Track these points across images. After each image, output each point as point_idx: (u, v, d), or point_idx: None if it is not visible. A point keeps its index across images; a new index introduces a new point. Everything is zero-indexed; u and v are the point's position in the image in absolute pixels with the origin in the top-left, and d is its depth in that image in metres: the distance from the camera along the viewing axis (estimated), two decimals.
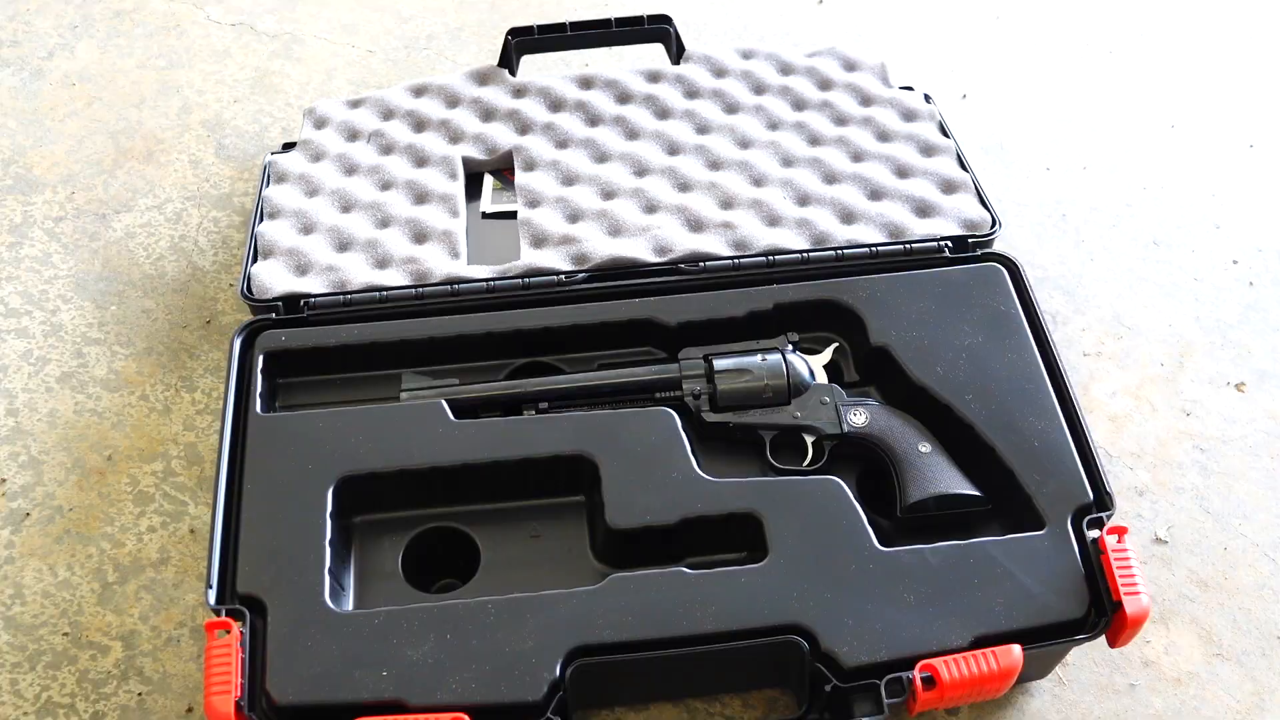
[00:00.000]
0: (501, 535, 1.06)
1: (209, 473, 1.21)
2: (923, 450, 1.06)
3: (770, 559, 0.97)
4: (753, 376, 1.10)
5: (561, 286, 1.19)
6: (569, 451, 1.05)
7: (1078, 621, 0.95)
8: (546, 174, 1.35)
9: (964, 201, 1.28)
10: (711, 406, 1.10)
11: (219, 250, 1.44)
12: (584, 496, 1.07)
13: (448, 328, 1.15)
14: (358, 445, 1.05)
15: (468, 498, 1.07)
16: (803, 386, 1.10)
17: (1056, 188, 1.53)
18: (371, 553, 1.05)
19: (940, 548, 0.98)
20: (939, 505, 1.04)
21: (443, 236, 1.26)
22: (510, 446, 1.05)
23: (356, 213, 1.30)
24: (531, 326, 1.16)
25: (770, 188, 1.31)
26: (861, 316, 1.15)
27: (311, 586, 0.96)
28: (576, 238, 1.25)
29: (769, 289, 1.17)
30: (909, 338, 1.13)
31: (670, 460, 1.04)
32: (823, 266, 1.21)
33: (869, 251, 1.21)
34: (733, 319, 1.16)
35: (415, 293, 1.18)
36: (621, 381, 1.12)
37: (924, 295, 1.16)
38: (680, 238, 1.25)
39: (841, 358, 1.18)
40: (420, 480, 1.05)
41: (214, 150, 1.57)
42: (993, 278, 1.18)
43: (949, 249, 1.22)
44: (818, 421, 1.09)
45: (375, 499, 1.05)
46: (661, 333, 1.17)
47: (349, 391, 1.16)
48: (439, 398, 1.09)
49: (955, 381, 1.09)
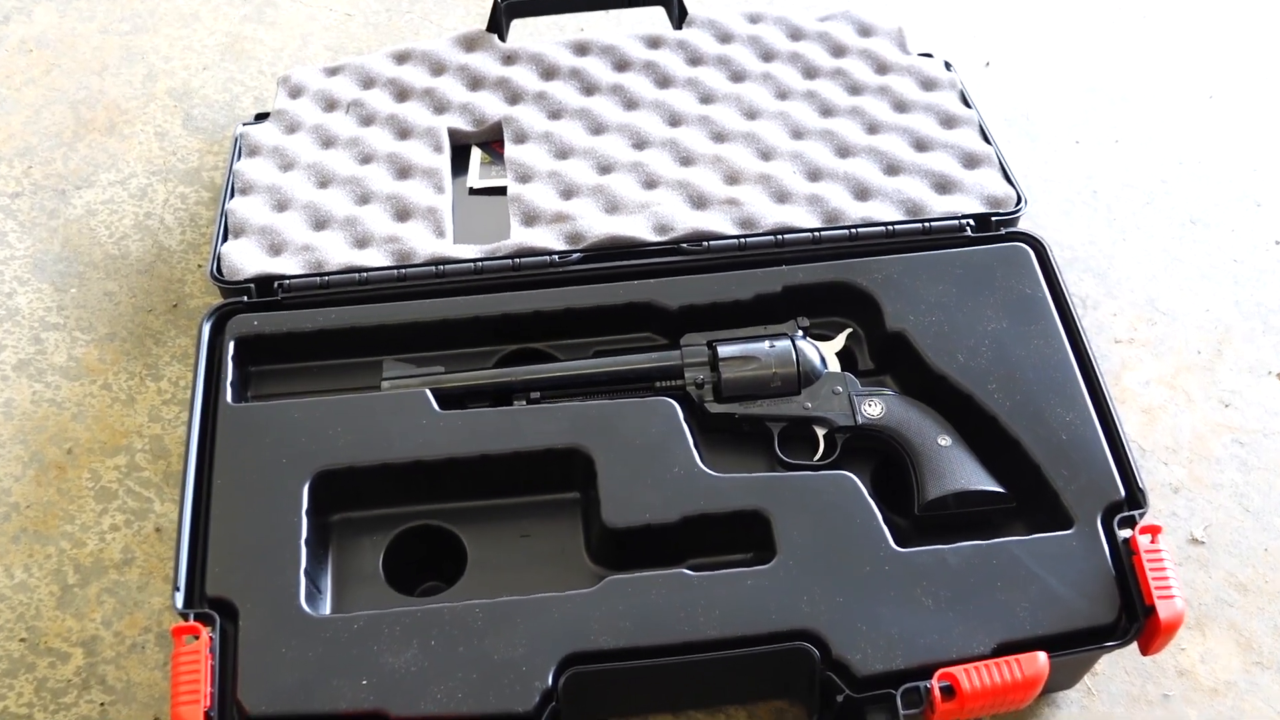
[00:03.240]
0: (490, 534, 1.05)
1: (176, 467, 1.21)
2: (942, 443, 1.05)
3: (778, 560, 0.97)
4: (760, 364, 1.09)
5: (554, 267, 1.19)
6: (562, 445, 1.04)
7: (1108, 627, 0.95)
8: (538, 147, 1.34)
9: (987, 177, 1.27)
10: (716, 396, 1.10)
11: (187, 229, 1.44)
12: (578, 493, 1.07)
13: (432, 312, 1.15)
14: (336, 438, 1.04)
15: (454, 494, 1.06)
16: (813, 375, 1.10)
17: (1086, 162, 1.52)
18: (350, 553, 1.05)
19: (961, 548, 0.98)
20: (959, 503, 1.04)
21: (427, 214, 1.26)
22: (499, 439, 1.05)
23: (334, 188, 1.30)
24: (522, 310, 1.15)
25: (779, 161, 1.31)
26: (877, 300, 1.15)
27: (286, 589, 0.95)
28: (570, 215, 1.25)
29: (777, 270, 1.17)
30: (928, 323, 1.12)
31: (671, 454, 1.03)
32: (835, 246, 1.20)
33: (885, 230, 1.21)
34: (738, 303, 1.15)
35: (397, 274, 1.18)
36: (619, 369, 1.11)
37: (944, 277, 1.16)
38: (682, 215, 1.24)
39: (855, 344, 1.17)
40: (403, 475, 1.04)
41: (181, 121, 1.56)
42: (1018, 259, 1.17)
43: (971, 228, 1.22)
44: (829, 413, 1.08)
45: (354, 495, 1.05)
46: (662, 317, 1.16)
47: (326, 380, 1.15)
48: (423, 387, 1.08)
49: (977, 370, 1.09)
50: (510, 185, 1.30)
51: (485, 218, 1.30)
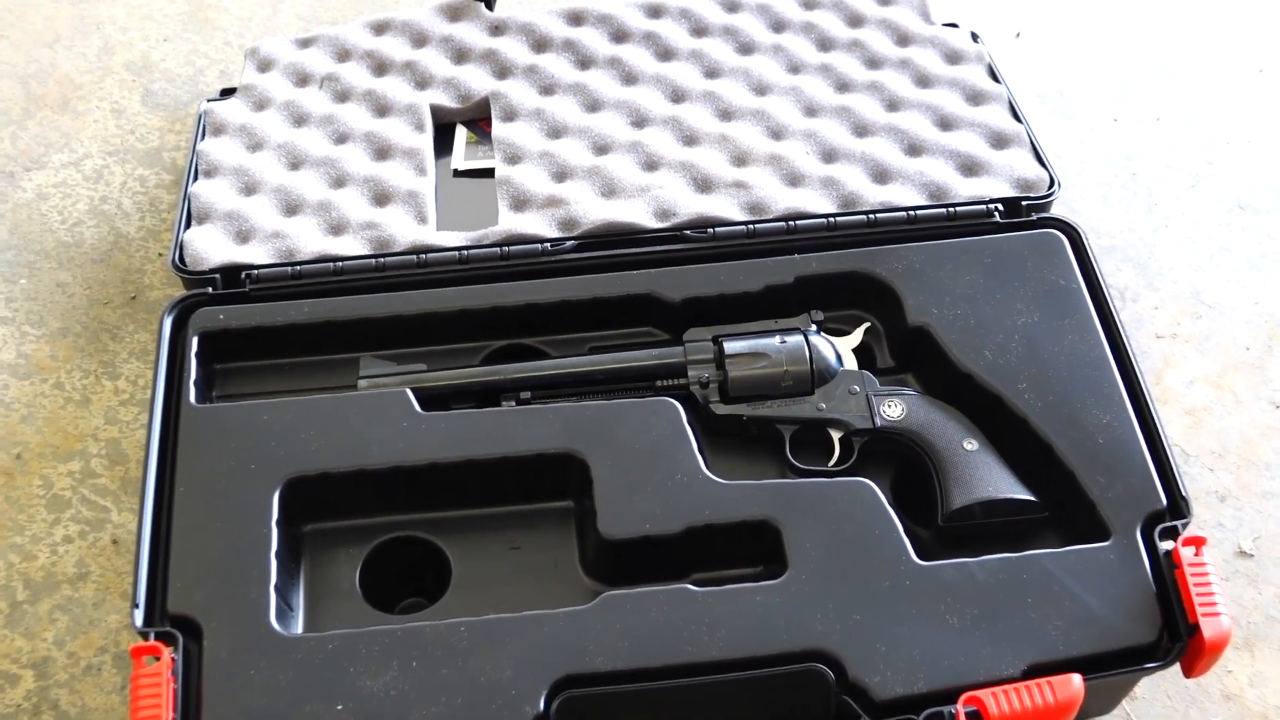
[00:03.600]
0: (476, 547, 1.06)
1: (134, 474, 1.21)
2: (968, 448, 1.05)
3: (790, 574, 0.97)
4: (770, 362, 1.09)
5: (546, 256, 1.19)
6: (555, 449, 1.05)
7: (1148, 647, 0.95)
8: (529, 125, 1.34)
9: (1017, 158, 1.27)
10: (722, 397, 1.10)
11: (146, 214, 1.44)
12: (572, 502, 1.07)
13: (413, 304, 1.15)
14: (308, 441, 1.04)
15: (437, 503, 1.06)
16: (828, 373, 1.10)
17: (1125, 142, 1.52)
18: (325, 567, 1.05)
19: (988, 561, 0.98)
20: (987, 512, 1.04)
21: (408, 198, 1.26)
22: (486, 443, 1.05)
23: (307, 170, 1.30)
24: (511, 303, 1.15)
25: (791, 141, 1.31)
26: (897, 292, 1.15)
27: (254, 606, 0.95)
28: (564, 199, 1.25)
29: (789, 260, 1.17)
30: (952, 316, 1.13)
31: (673, 459, 1.03)
32: (852, 233, 1.20)
33: (906, 216, 1.21)
34: (747, 294, 1.15)
35: (376, 263, 1.18)
36: (616, 367, 1.11)
37: (970, 267, 1.16)
38: (685, 200, 1.24)
39: (873, 340, 1.18)
40: (381, 482, 1.04)
41: (140, 97, 1.56)
42: (1050, 247, 1.17)
43: (1000, 213, 1.22)
44: (846, 414, 1.09)
45: (329, 504, 1.05)
46: (663, 311, 1.16)
47: (298, 379, 1.15)
48: (403, 386, 1.09)
49: (1007, 367, 1.09)
50: (498, 167, 1.30)
51: (471, 202, 1.30)
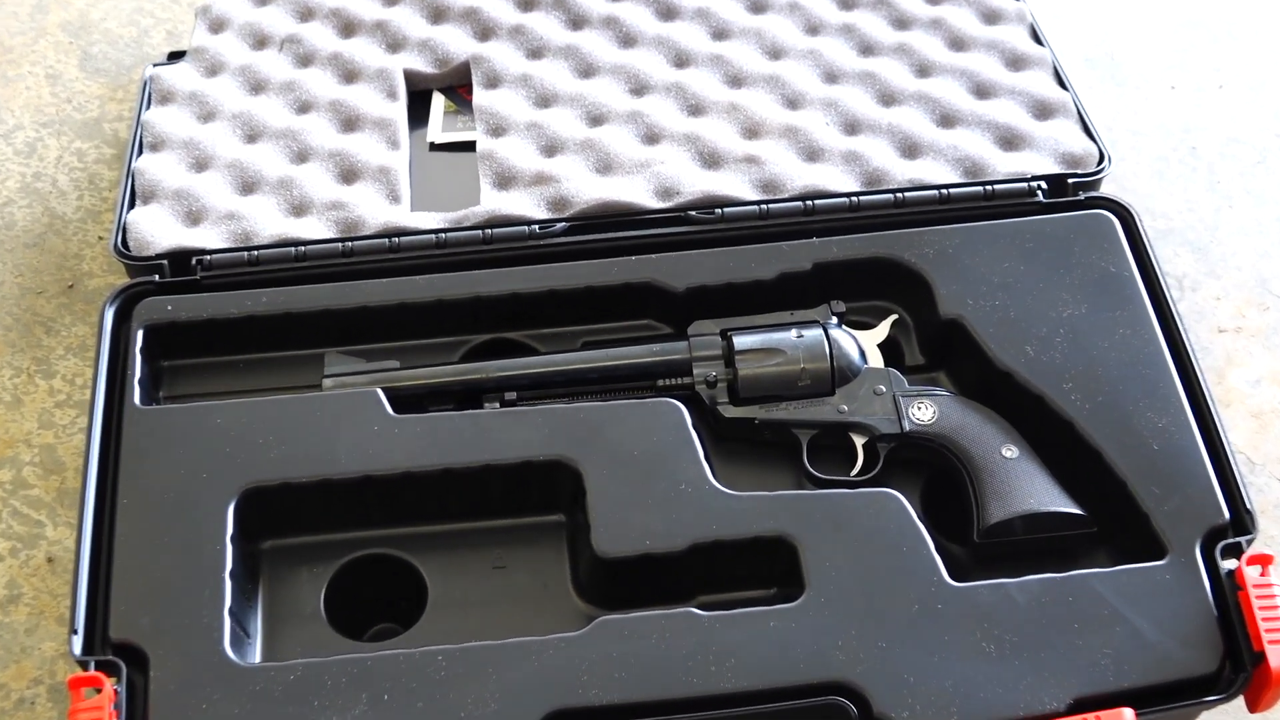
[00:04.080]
0: (455, 565, 1.06)
1: (72, 484, 1.21)
2: (1007, 455, 1.06)
3: (808, 597, 0.97)
4: (785, 358, 1.09)
5: (534, 240, 1.19)
6: (544, 456, 1.05)
7: (1208, 678, 0.95)
8: (514, 92, 1.34)
9: (1062, 129, 1.27)
10: (731, 398, 1.10)
11: (85, 192, 1.44)
12: (563, 515, 1.07)
13: (385, 294, 1.15)
14: (267, 447, 1.04)
15: (411, 516, 1.06)
16: (850, 371, 1.10)
17: (1184, 112, 1.52)
18: (285, 588, 1.05)
19: (1029, 583, 0.98)
20: (1028, 527, 1.04)
21: (378, 175, 1.26)
22: (467, 449, 1.05)
23: (265, 143, 1.30)
24: (495, 293, 1.15)
25: (808, 111, 1.31)
26: (928, 280, 1.15)
27: (207, 632, 0.95)
28: (554, 176, 1.25)
29: (806, 244, 1.17)
30: (990, 308, 1.13)
31: (677, 467, 1.03)
32: (877, 214, 1.20)
33: (938, 195, 1.21)
34: (759, 283, 1.16)
35: (343, 248, 1.18)
36: (613, 365, 1.11)
37: (1010, 252, 1.16)
38: (690, 177, 1.24)
39: (901, 334, 1.18)
40: (349, 493, 1.04)
41: (78, 61, 1.56)
42: (1100, 229, 1.17)
43: (1043, 191, 1.22)
44: (870, 417, 1.09)
45: (290, 518, 1.05)
46: (665, 301, 1.16)
47: (256, 377, 1.15)
48: (373, 386, 1.09)
49: (1050, 365, 1.09)
50: (480, 140, 1.30)
51: (449, 180, 1.30)
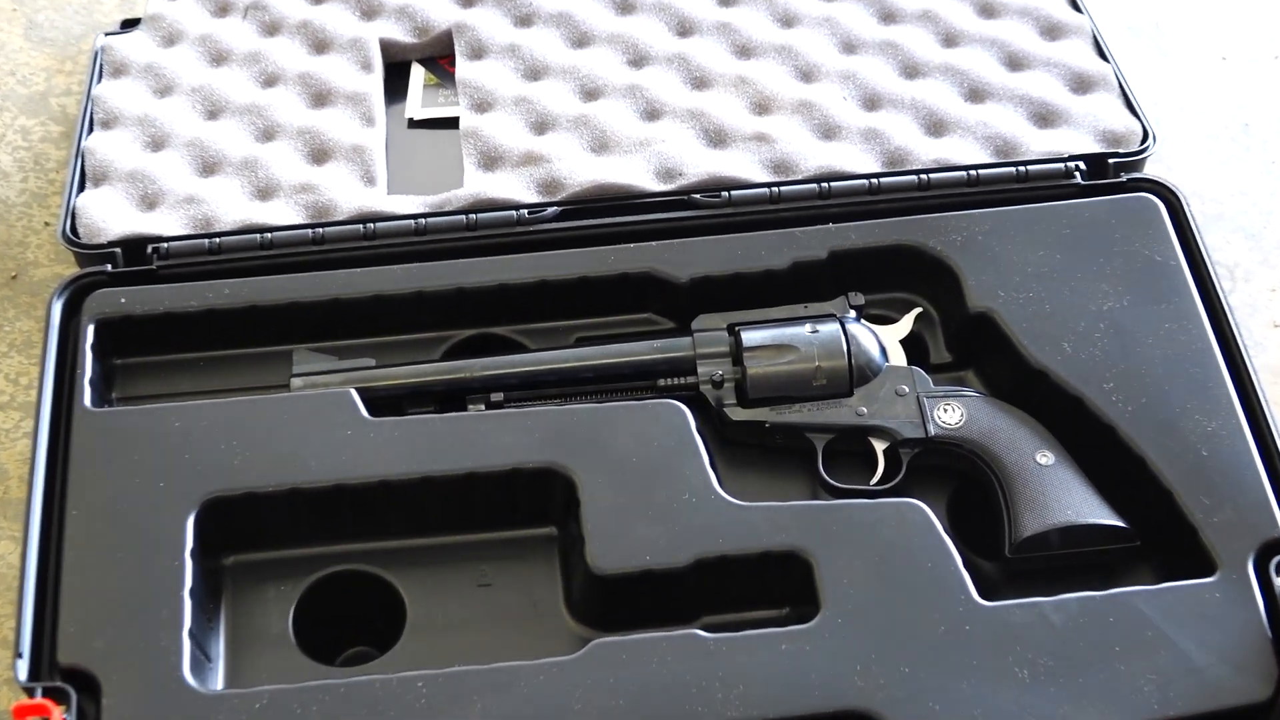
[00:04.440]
0: (437, 583, 1.06)
1: (16, 494, 1.20)
2: (1042, 462, 1.06)
3: (823, 618, 0.97)
4: (798, 356, 1.09)
5: (523, 226, 1.19)
6: (534, 463, 1.04)
7: (1261, 706, 0.95)
8: (501, 64, 1.34)
9: (1103, 104, 1.27)
10: (739, 399, 1.10)
11: (30, 174, 1.43)
12: (555, 528, 1.07)
13: (359, 286, 1.15)
14: (230, 454, 1.04)
15: (388, 529, 1.06)
16: (870, 370, 1.10)
17: (1236, 85, 1.52)
18: (251, 608, 1.05)
19: (1067, 602, 0.98)
20: (1065, 541, 1.04)
21: (352, 154, 1.26)
22: (449, 455, 1.05)
23: (228, 120, 1.30)
24: (480, 284, 1.15)
25: (824, 84, 1.31)
26: (955, 270, 1.15)
27: (164, 655, 0.95)
28: (544, 156, 1.25)
29: (822, 230, 1.17)
30: (1023, 300, 1.13)
31: (679, 475, 1.03)
32: (899, 198, 1.21)
33: (966, 176, 1.21)
34: (770, 273, 1.16)
35: (313, 235, 1.18)
36: (609, 363, 1.12)
37: (1045, 239, 1.16)
38: (694, 156, 1.24)
39: (926, 329, 1.18)
40: (320, 504, 1.04)
41: (22, 30, 1.55)
42: (1144, 214, 1.18)
43: (1081, 173, 1.22)
44: (892, 420, 1.09)
45: (256, 531, 1.05)
46: (667, 293, 1.16)
47: (217, 377, 1.15)
48: (347, 386, 1.09)
49: (1090, 363, 1.09)
50: (463, 116, 1.30)
51: (430, 160, 1.30)
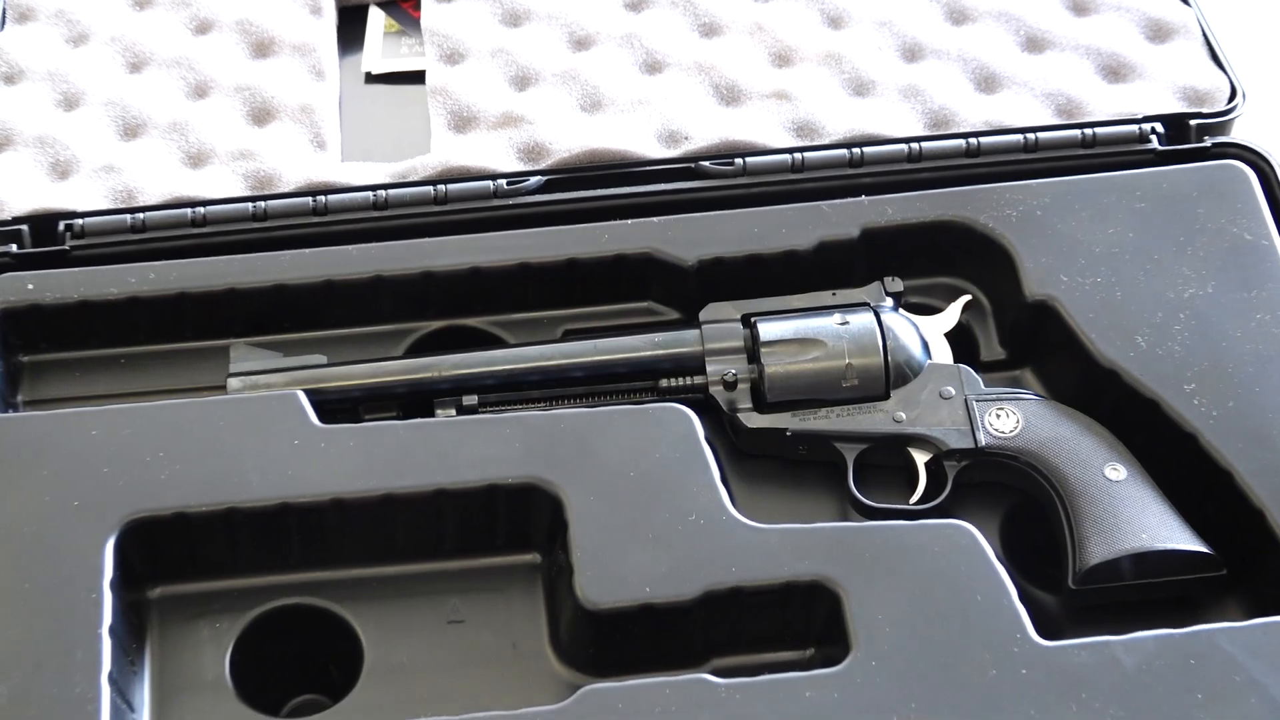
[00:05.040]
0: (400, 620, 1.06)
1: None
2: (1112, 477, 1.05)
3: (854, 659, 0.97)
4: (826, 352, 1.09)
5: (501, 199, 1.20)
6: (514, 479, 1.04)
7: None
8: (475, 6, 1.34)
9: (1183, 55, 1.28)
10: (756, 403, 1.10)
11: None
12: (539, 555, 1.07)
13: (308, 268, 1.15)
14: (156, 467, 1.04)
15: (343, 557, 1.06)
16: (910, 369, 1.10)
17: None
18: (181, 649, 1.04)
19: (1140, 641, 0.97)
20: (1139, 569, 1.04)
21: (299, 115, 1.27)
22: (415, 470, 1.04)
23: (154, 73, 1.30)
24: (450, 267, 1.16)
25: (856, 30, 1.31)
26: (1009, 251, 1.15)
27: (80, 704, 0.94)
28: (526, 117, 1.25)
29: (853, 204, 1.17)
30: (1090, 287, 1.13)
31: (685, 492, 1.03)
32: (944, 166, 1.21)
33: (1022, 141, 1.21)
34: (791, 254, 1.16)
35: (253, 209, 1.19)
36: (603, 361, 1.12)
37: (1116, 215, 1.16)
38: (703, 116, 1.25)
39: (976, 320, 1.19)
40: (263, 526, 1.04)
41: None
42: (1231, 186, 1.18)
43: (1158, 136, 1.22)
44: (935, 428, 1.09)
45: (187, 558, 1.05)
46: (671, 278, 1.17)
47: (142, 377, 1.16)
48: (294, 387, 1.09)
49: (1168, 360, 1.09)
50: (431, 69, 1.31)
51: (391, 121, 1.31)
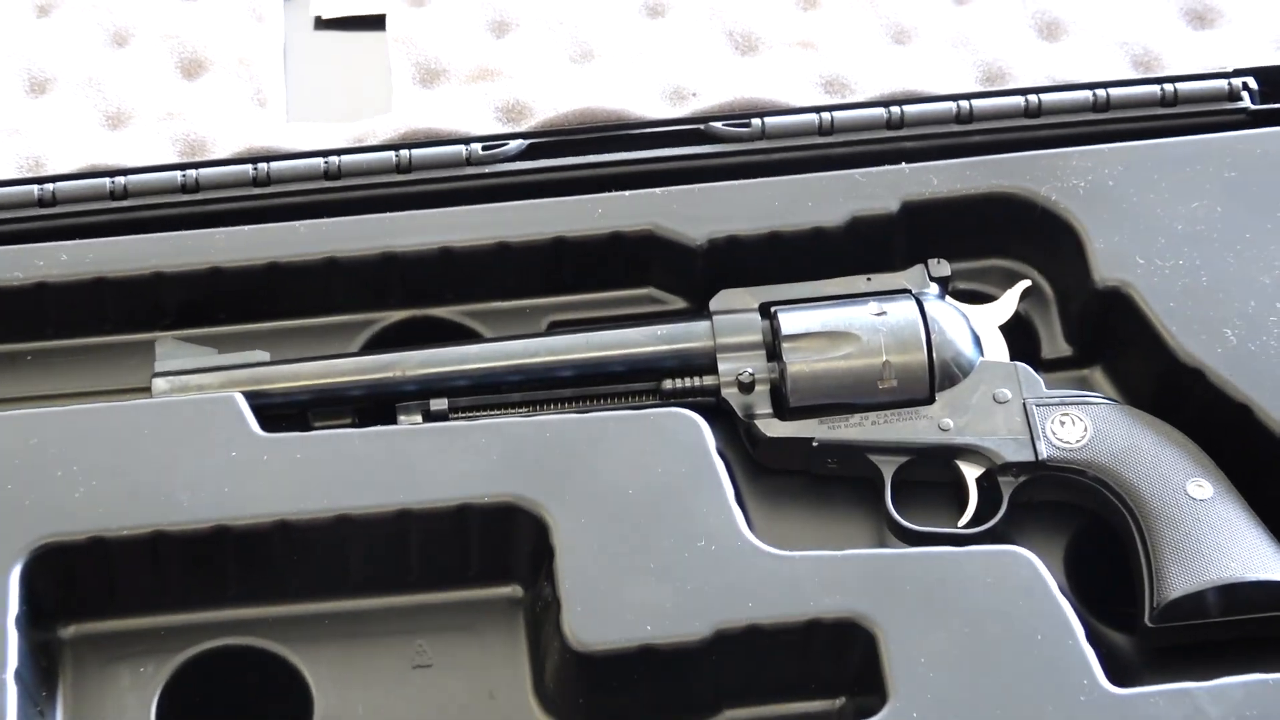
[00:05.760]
0: (356, 664, 1.06)
1: None
2: (1197, 495, 1.06)
3: (892, 709, 0.97)
4: (859, 348, 1.10)
5: (476, 167, 1.20)
6: (491, 498, 1.04)
7: None
8: None
9: None
10: (777, 408, 1.10)
11: None
12: (520, 587, 1.08)
13: (248, 249, 1.16)
14: (70, 483, 1.04)
15: (289, 589, 1.07)
16: (959, 368, 1.11)
17: None
18: (101, 697, 1.05)
19: (1229, 687, 0.98)
20: (1227, 604, 1.04)
21: (236, 66, 1.27)
22: (373, 487, 1.05)
23: (64, 15, 1.30)
24: (415, 247, 1.16)
25: None
26: (1076, 228, 1.16)
27: None
28: (504, 69, 1.26)
29: (892, 173, 1.18)
30: (1171, 271, 1.13)
31: (693, 514, 1.03)
32: (999, 128, 1.22)
33: (1091, 99, 1.22)
34: (818, 232, 1.16)
35: (182, 180, 1.19)
36: (596, 358, 1.13)
37: (1201, 186, 1.17)
38: (714, 68, 1.25)
39: (1036, 310, 1.19)
40: (195, 553, 1.04)
41: None
42: None
43: (1251, 93, 1.23)
44: (989, 438, 1.09)
45: (106, 591, 1.05)
46: (676, 259, 1.17)
47: (52, 377, 1.17)
48: (231, 389, 1.09)
49: (1262, 358, 1.10)
50: (392, 11, 1.31)
51: (346, 74, 1.32)
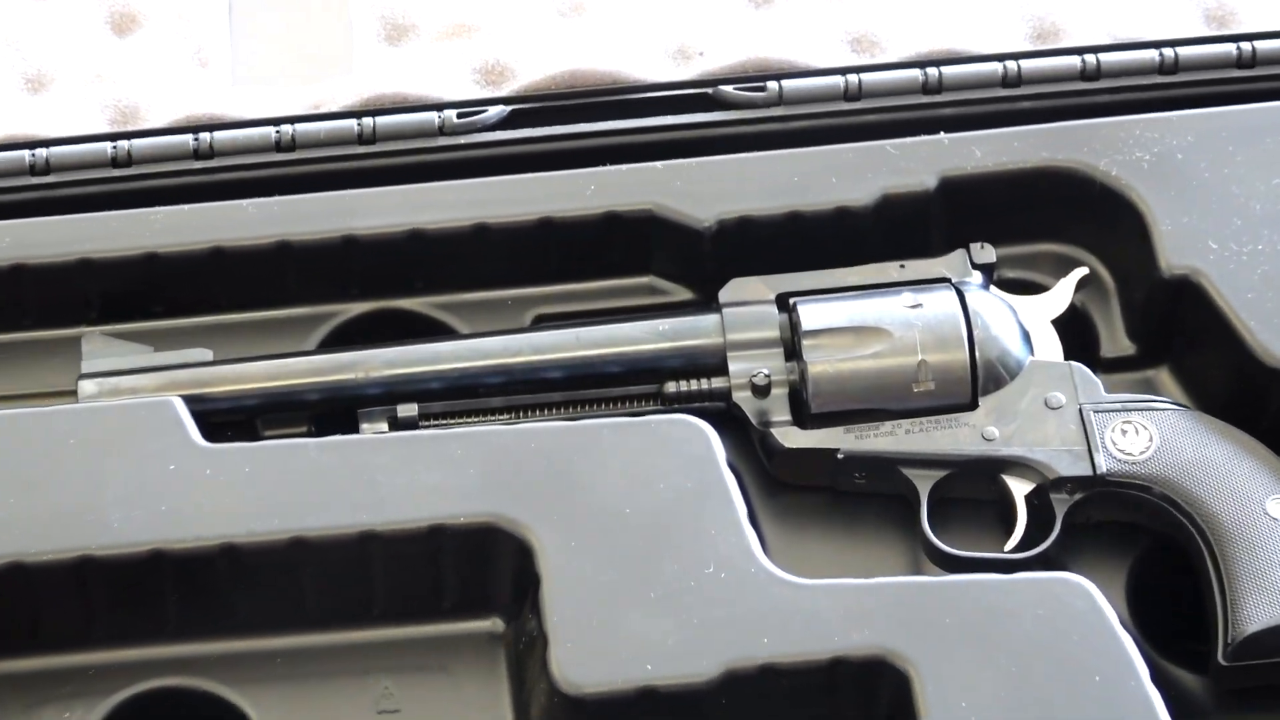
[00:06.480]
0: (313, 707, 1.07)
1: None
2: (1278, 515, 1.07)
3: None
4: (891, 345, 1.11)
5: (450, 137, 1.22)
6: (467, 518, 1.06)
7: None
8: None
9: None
10: (796, 414, 1.12)
11: None
12: (501, 620, 1.09)
13: (188, 232, 1.17)
14: None
15: (235, 624, 1.08)
16: (1006, 368, 1.12)
17: None
18: None
19: None
20: None
21: (174, 20, 1.28)
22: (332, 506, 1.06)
23: None
24: (380, 230, 1.17)
25: None
26: (1139, 208, 1.17)
27: None
28: (482, 25, 1.28)
29: (929, 144, 1.20)
30: (1248, 257, 1.15)
31: (701, 535, 1.05)
32: (1052, 93, 1.23)
33: (1158, 59, 1.24)
34: (843, 213, 1.18)
35: (114, 151, 1.21)
36: (589, 357, 1.14)
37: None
38: (724, 23, 1.27)
39: (1094, 302, 1.21)
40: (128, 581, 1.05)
41: None
42: None
43: None
44: (1040, 448, 1.10)
45: (27, 625, 1.07)
46: (681, 243, 1.19)
47: None
48: (168, 392, 1.10)
49: None
50: None
51: (299, 29, 1.33)
